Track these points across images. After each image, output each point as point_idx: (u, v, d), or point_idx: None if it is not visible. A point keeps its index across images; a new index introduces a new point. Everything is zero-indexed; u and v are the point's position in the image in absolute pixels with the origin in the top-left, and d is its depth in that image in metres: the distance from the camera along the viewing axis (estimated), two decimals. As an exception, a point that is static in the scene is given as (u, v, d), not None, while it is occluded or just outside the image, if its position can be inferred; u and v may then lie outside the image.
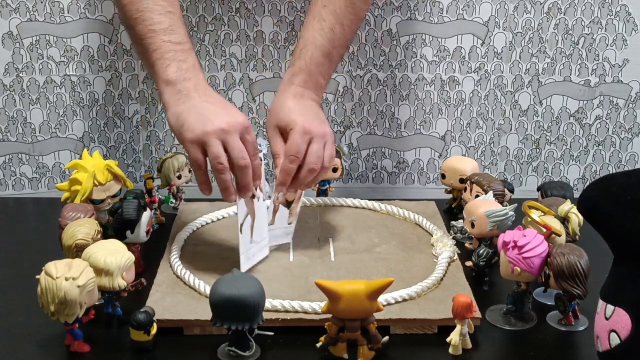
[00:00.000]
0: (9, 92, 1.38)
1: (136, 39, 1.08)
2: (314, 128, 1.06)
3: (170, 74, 1.03)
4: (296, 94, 1.11)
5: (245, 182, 1.00)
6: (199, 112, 1.00)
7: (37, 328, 0.95)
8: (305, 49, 1.13)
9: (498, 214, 1.04)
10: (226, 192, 1.00)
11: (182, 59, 1.05)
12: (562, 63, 1.41)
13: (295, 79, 1.12)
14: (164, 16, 1.06)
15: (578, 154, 1.47)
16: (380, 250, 1.14)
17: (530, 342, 0.95)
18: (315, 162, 1.05)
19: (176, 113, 1.01)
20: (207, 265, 1.08)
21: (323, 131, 1.07)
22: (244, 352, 0.89)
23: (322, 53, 1.13)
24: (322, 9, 1.15)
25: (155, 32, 1.05)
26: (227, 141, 0.98)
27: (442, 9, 1.38)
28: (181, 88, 1.03)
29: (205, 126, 0.98)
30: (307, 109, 1.09)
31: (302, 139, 1.04)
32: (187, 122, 0.99)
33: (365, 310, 0.87)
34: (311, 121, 1.07)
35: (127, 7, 1.07)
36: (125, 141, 1.44)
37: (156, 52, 1.04)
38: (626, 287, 0.80)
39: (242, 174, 0.99)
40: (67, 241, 0.98)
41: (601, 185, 0.83)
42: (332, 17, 1.14)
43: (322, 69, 1.14)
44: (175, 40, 1.05)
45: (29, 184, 1.44)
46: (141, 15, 1.06)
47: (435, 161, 1.47)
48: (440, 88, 1.43)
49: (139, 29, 1.06)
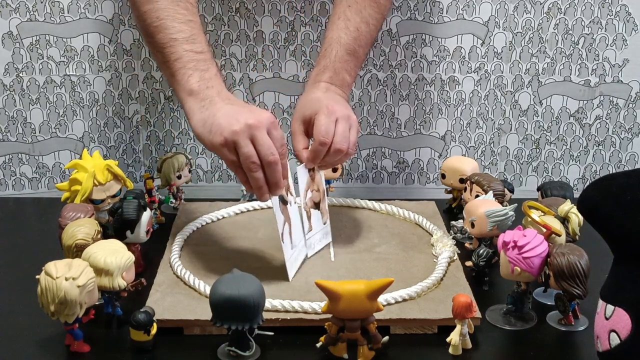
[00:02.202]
0: (9, 92, 1.38)
1: (156, 48, 1.07)
2: (338, 109, 1.06)
3: (193, 84, 1.03)
4: (320, 88, 1.12)
5: (275, 179, 0.98)
6: (224, 114, 0.99)
7: (37, 328, 0.95)
8: (330, 48, 1.14)
9: (498, 214, 1.04)
10: (260, 191, 0.99)
11: (204, 68, 1.04)
12: (562, 63, 1.41)
13: (321, 77, 1.13)
14: (185, 25, 1.05)
15: (578, 154, 1.47)
16: (380, 250, 1.14)
17: (530, 342, 0.95)
18: (342, 142, 1.05)
19: (202, 119, 1.00)
20: (207, 265, 1.08)
21: (347, 114, 1.07)
22: (244, 352, 0.89)
23: (347, 51, 1.14)
24: (346, 9, 1.16)
25: (176, 41, 1.04)
26: (255, 137, 0.97)
27: (442, 9, 1.38)
28: (204, 97, 1.02)
29: (232, 126, 0.97)
30: (331, 97, 1.11)
31: (328, 118, 1.05)
32: (214, 125, 0.98)
33: (365, 310, 0.87)
34: (337, 105, 1.08)
35: (146, 14, 1.06)
36: (125, 141, 1.44)
37: (178, 61, 1.04)
38: (626, 287, 0.80)
39: (271, 170, 0.98)
40: (67, 241, 0.98)
41: (601, 185, 0.83)
42: (358, 16, 1.16)
43: (348, 66, 1.15)
44: (197, 50, 1.05)
45: (29, 184, 1.44)
46: (162, 24, 1.05)
47: (435, 161, 1.47)
48: (440, 88, 1.43)
49: (160, 37, 1.05)
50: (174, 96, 1.42)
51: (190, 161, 1.29)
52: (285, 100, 1.42)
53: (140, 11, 1.07)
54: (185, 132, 1.44)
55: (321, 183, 1.14)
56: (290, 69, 1.41)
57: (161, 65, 1.08)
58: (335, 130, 1.05)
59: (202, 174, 1.46)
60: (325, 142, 1.04)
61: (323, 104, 1.07)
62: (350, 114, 1.08)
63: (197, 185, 1.46)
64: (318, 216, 1.14)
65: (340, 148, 1.05)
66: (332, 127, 1.05)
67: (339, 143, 1.05)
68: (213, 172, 1.47)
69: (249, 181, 0.99)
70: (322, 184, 1.14)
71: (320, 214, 1.14)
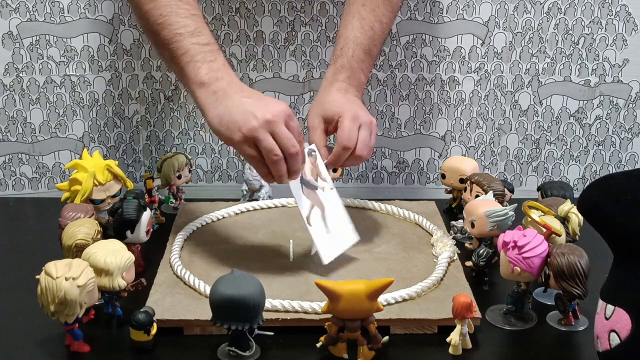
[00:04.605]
0: (9, 92, 1.38)
1: (162, 44, 1.07)
2: (362, 115, 1.09)
3: (202, 76, 1.03)
4: (340, 89, 1.14)
5: (296, 168, 1.01)
6: (240, 109, 0.99)
7: (37, 328, 0.95)
8: (347, 47, 1.16)
9: (498, 214, 1.04)
10: (281, 179, 1.01)
11: (212, 59, 1.04)
12: (562, 63, 1.41)
13: (339, 76, 1.15)
14: (189, 19, 1.06)
15: (578, 154, 1.47)
16: (380, 250, 1.14)
17: (530, 342, 0.95)
18: (363, 149, 1.08)
19: (218, 115, 1.01)
20: (207, 265, 1.08)
21: (370, 119, 1.10)
22: (244, 352, 0.89)
23: (364, 50, 1.16)
24: (361, 8, 1.18)
25: (182, 36, 1.04)
26: (274, 132, 0.98)
27: (442, 9, 1.38)
28: (215, 89, 1.02)
29: (250, 122, 0.97)
30: (353, 101, 1.13)
31: (353, 124, 1.08)
32: (232, 121, 0.99)
33: (365, 310, 0.87)
34: (358, 110, 1.10)
35: (150, 12, 1.06)
36: (125, 141, 1.44)
37: (185, 55, 1.04)
38: (626, 287, 0.80)
39: (293, 161, 1.00)
40: (67, 241, 0.98)
41: (601, 185, 0.83)
42: (372, 15, 1.17)
43: (363, 66, 1.17)
44: (203, 42, 1.05)
45: (29, 184, 1.44)
46: (166, 20, 1.05)
47: (435, 161, 1.47)
48: (440, 88, 1.43)
49: (165, 33, 1.05)
50: (174, 96, 1.42)
51: (190, 161, 1.29)
52: (285, 100, 1.42)
53: (142, 10, 1.07)
54: (185, 132, 1.44)
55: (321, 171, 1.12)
56: (290, 69, 1.41)
57: (169, 62, 1.08)
58: (359, 136, 1.08)
59: (202, 174, 1.46)
60: (349, 147, 1.07)
61: (347, 107, 1.10)
62: (372, 120, 1.11)
63: (197, 185, 1.46)
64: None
65: (361, 155, 1.08)
66: (355, 133, 1.08)
67: (361, 150, 1.08)
68: (213, 172, 1.47)
69: (269, 174, 1.01)
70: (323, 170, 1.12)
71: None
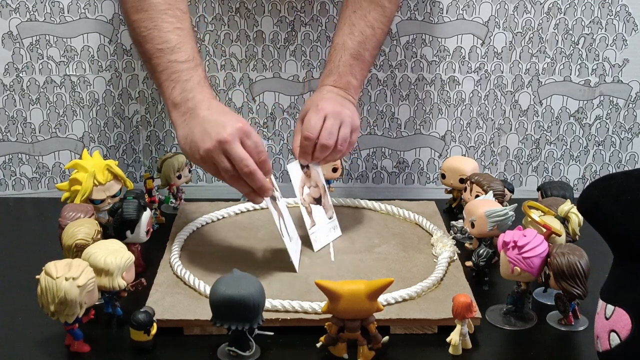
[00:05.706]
0: (9, 92, 1.38)
1: (145, 57, 1.09)
2: (328, 107, 1.10)
3: (175, 96, 1.05)
4: (322, 91, 1.16)
5: (257, 186, 1.01)
6: (200, 129, 1.01)
7: (37, 328, 0.95)
8: (335, 53, 1.18)
9: (498, 214, 1.04)
10: (250, 196, 1.03)
11: (187, 78, 1.06)
12: (562, 63, 1.41)
13: (325, 81, 1.18)
14: (171, 33, 1.07)
15: (578, 154, 1.47)
16: (380, 250, 1.14)
17: (530, 342, 0.95)
18: (327, 138, 1.09)
19: (183, 136, 1.04)
20: (207, 265, 1.08)
21: (337, 111, 1.10)
22: (244, 352, 0.89)
23: (351, 55, 1.17)
24: (352, 14, 1.19)
25: (162, 52, 1.06)
26: (227, 152, 0.99)
27: (442, 9, 1.38)
28: (185, 110, 1.05)
29: (205, 144, 0.99)
30: (332, 98, 1.14)
31: (316, 116, 1.09)
32: (193, 142, 1.02)
33: (365, 310, 0.87)
34: (328, 103, 1.11)
35: (136, 23, 1.08)
36: (125, 141, 1.44)
37: (163, 73, 1.06)
38: (626, 287, 0.80)
39: (249, 180, 1.01)
40: (67, 241, 0.98)
41: (601, 185, 0.83)
42: (362, 21, 1.18)
43: (353, 70, 1.18)
44: (181, 59, 1.06)
45: (29, 184, 1.44)
46: (149, 34, 1.07)
47: (435, 161, 1.47)
48: (440, 88, 1.43)
49: (148, 47, 1.07)
50: None
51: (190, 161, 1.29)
52: (285, 100, 1.42)
53: (130, 20, 1.09)
54: (185, 132, 1.44)
55: (319, 179, 1.15)
56: (290, 69, 1.41)
57: (150, 74, 1.11)
58: (323, 126, 1.08)
59: (202, 174, 1.46)
60: (308, 136, 1.09)
61: (315, 102, 1.11)
62: (343, 110, 1.11)
63: (197, 185, 1.45)
64: (321, 211, 1.15)
65: (326, 143, 1.08)
66: (318, 124, 1.08)
67: (325, 138, 1.08)
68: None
69: None
70: (320, 179, 1.15)
71: (324, 210, 1.16)
